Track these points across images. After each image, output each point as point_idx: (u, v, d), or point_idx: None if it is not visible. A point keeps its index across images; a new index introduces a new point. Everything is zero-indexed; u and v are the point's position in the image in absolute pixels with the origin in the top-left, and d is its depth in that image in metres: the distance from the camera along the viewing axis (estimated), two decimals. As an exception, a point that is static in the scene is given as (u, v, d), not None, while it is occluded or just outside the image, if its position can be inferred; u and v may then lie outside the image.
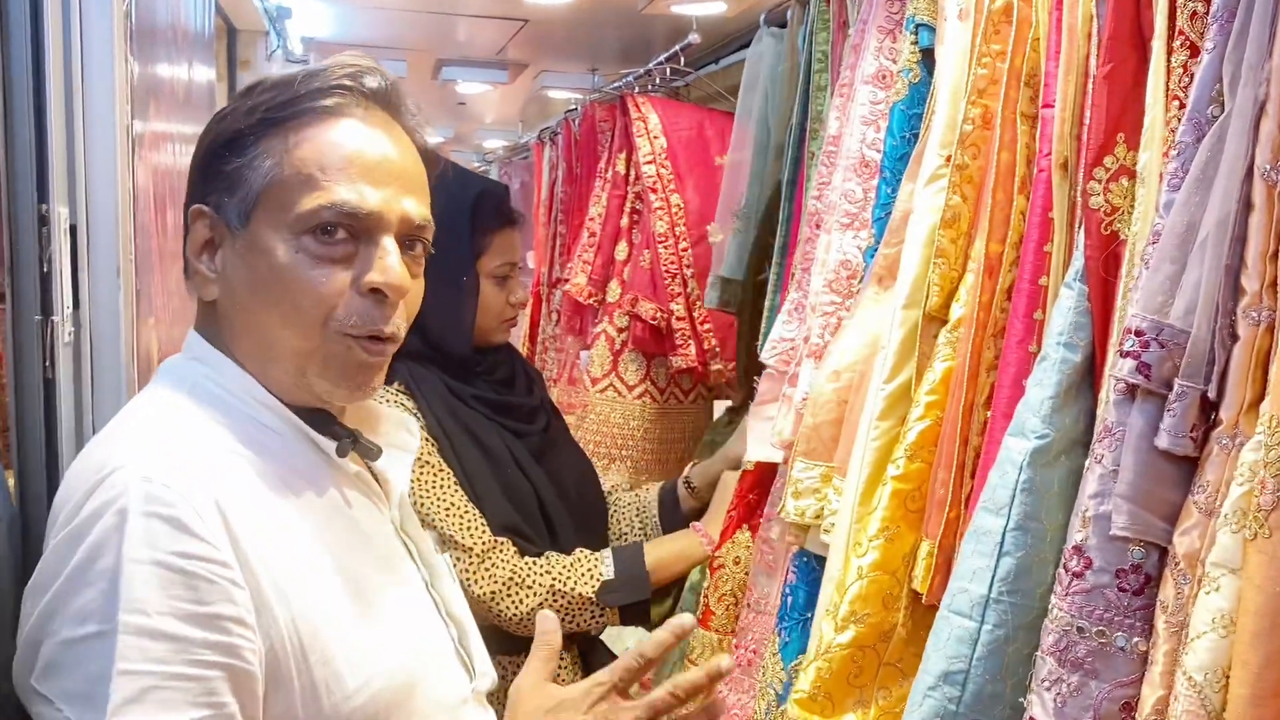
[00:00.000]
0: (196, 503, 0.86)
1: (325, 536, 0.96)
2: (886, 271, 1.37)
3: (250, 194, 0.94)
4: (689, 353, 3.02)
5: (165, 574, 0.83)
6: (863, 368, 1.34)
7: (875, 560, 1.25)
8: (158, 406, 0.96)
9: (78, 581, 0.83)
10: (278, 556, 0.90)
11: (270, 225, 0.94)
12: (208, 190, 0.96)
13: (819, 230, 1.53)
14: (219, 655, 0.84)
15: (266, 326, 0.95)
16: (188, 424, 0.93)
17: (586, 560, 1.68)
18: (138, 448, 0.89)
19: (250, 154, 0.94)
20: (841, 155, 1.47)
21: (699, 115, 3.18)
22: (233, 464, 0.92)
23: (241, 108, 0.97)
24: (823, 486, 1.36)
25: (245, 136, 0.94)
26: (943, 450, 1.23)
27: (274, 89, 0.96)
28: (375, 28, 3.79)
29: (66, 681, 0.82)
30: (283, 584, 0.90)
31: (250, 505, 0.90)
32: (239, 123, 0.95)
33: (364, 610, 0.96)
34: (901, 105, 1.40)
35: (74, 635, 0.82)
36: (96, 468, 0.87)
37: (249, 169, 0.94)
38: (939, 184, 1.28)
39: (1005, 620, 1.05)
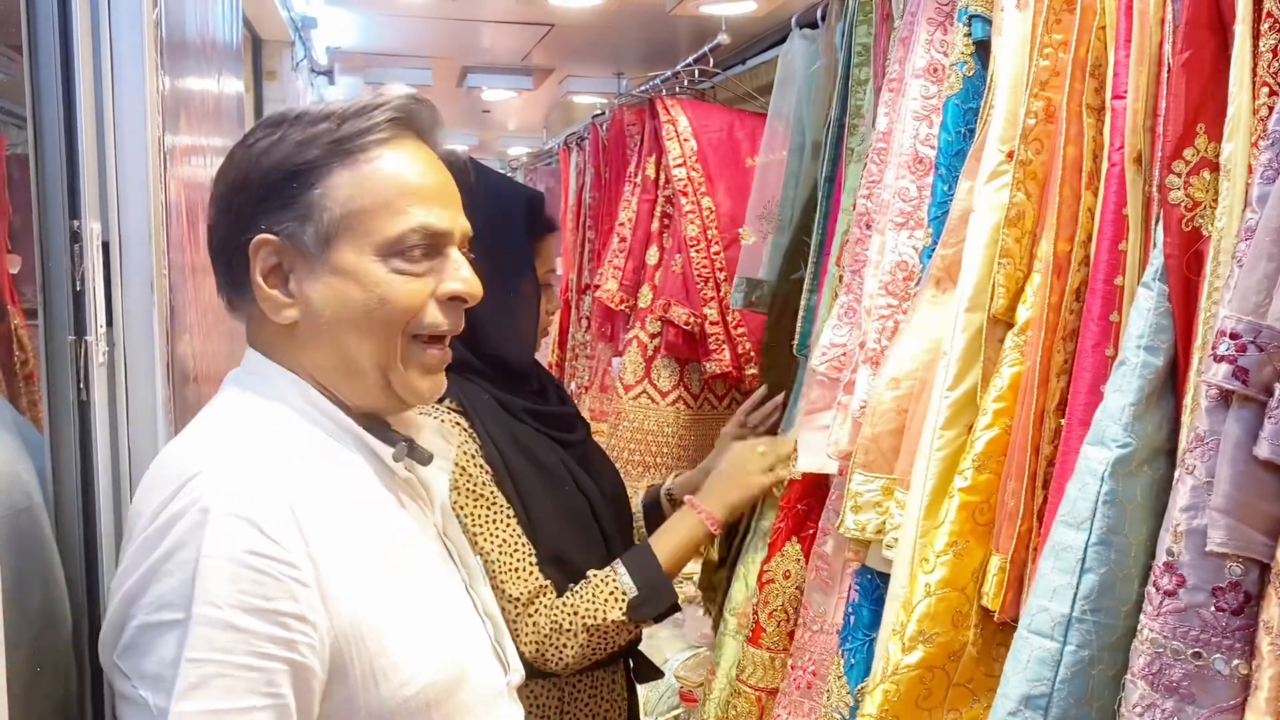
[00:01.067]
0: (271, 505, 0.93)
1: (382, 537, 1.03)
2: (945, 273, 1.31)
3: (331, 222, 1.00)
4: (723, 358, 2.97)
5: (237, 570, 0.90)
6: (924, 374, 1.29)
7: (943, 577, 1.19)
8: (230, 416, 1.03)
9: (160, 571, 0.90)
10: (342, 555, 0.97)
11: (354, 249, 1.01)
12: (273, 220, 1.01)
13: (870, 230, 1.47)
14: (279, 649, 0.90)
15: (352, 341, 1.03)
16: (260, 432, 1.01)
17: (605, 583, 1.60)
18: (217, 454, 0.97)
19: (321, 184, 1.00)
20: (893, 152, 1.42)
21: (729, 117, 3.13)
22: (302, 469, 0.99)
23: (294, 138, 1.01)
24: (884, 500, 1.31)
25: (313, 168, 1.01)
26: (1013, 460, 1.17)
27: (331, 120, 1.02)
28: (400, 36, 3.77)
29: (142, 661, 0.90)
30: (346, 580, 0.96)
31: (319, 507, 0.97)
32: (297, 154, 1.01)
33: (416, 606, 1.03)
34: (956, 99, 1.35)
35: (151, 620, 0.90)
36: (178, 473, 0.94)
37: (325, 198, 1.00)
38: (1001, 181, 1.22)
39: (1089, 640, 1.00)
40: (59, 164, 0.99)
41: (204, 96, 1.48)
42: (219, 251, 1.04)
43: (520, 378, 1.71)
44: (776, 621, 1.69)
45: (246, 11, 2.85)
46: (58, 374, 1.01)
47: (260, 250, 1.01)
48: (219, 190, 1.03)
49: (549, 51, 3.82)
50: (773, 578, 1.69)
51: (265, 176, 1.01)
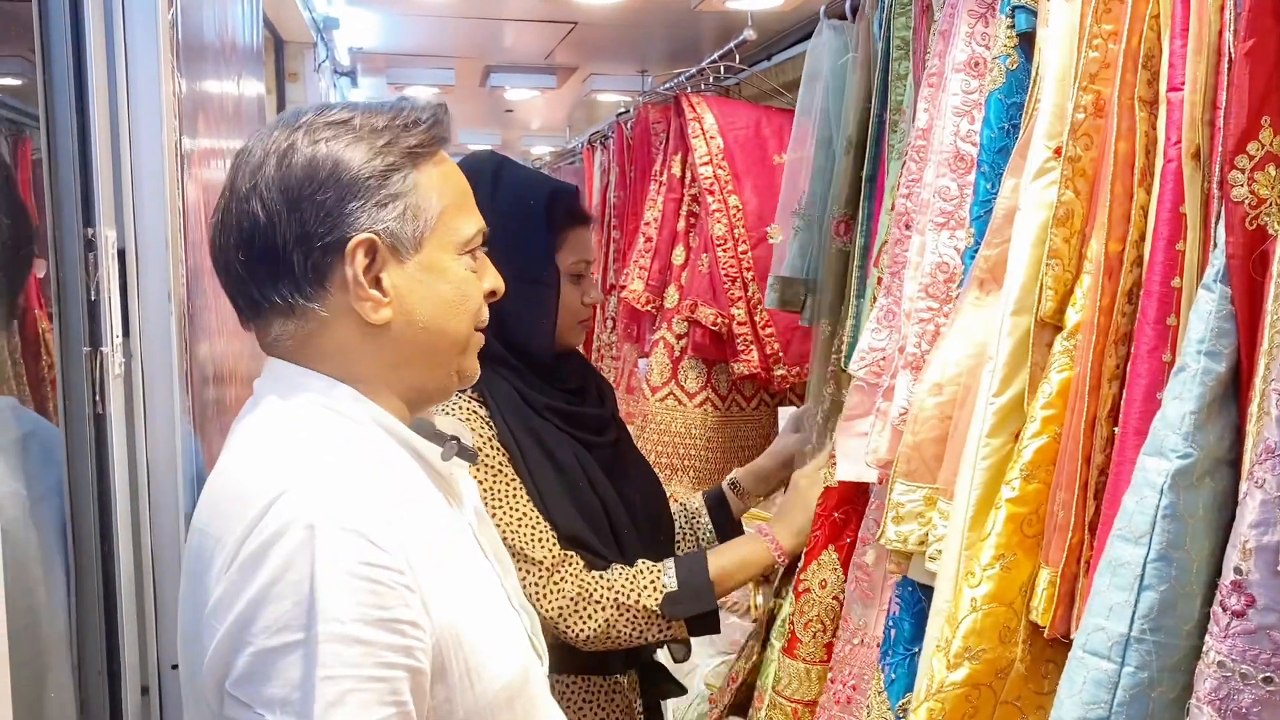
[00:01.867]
0: (373, 514, 0.93)
1: (445, 538, 1.05)
2: (989, 274, 1.26)
3: (428, 221, 1.04)
4: (751, 358, 2.93)
5: (355, 583, 0.90)
6: (968, 380, 1.24)
7: (990, 591, 1.14)
8: (290, 426, 1.01)
9: (271, 595, 0.89)
10: (429, 558, 0.98)
11: (441, 248, 1.06)
12: (371, 219, 1.01)
13: (909, 230, 1.42)
14: (400, 656, 0.92)
15: (441, 333, 1.07)
16: (334, 442, 1.00)
17: (649, 572, 1.62)
18: (300, 467, 0.96)
19: (409, 184, 1.03)
20: (933, 149, 1.37)
21: (755, 113, 3.08)
22: (381, 476, 1.00)
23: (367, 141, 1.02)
24: (926, 510, 1.26)
25: (402, 169, 1.03)
26: (1063, 469, 1.12)
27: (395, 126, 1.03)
28: (423, 36, 3.74)
29: (266, 687, 0.89)
30: (437, 582, 0.98)
31: (404, 513, 0.98)
32: (386, 156, 1.02)
33: (483, 603, 1.06)
34: (999, 94, 1.29)
35: (271, 644, 0.89)
36: (258, 492, 0.93)
37: (418, 198, 1.04)
38: (1048, 178, 1.17)
39: (1149, 661, 0.94)
40: (73, 170, 0.96)
41: (223, 99, 1.45)
42: (275, 252, 0.98)
43: (549, 372, 1.70)
44: (813, 632, 1.64)
45: (268, 13, 2.83)
46: (73, 386, 0.98)
47: (359, 250, 1.00)
48: (273, 190, 0.98)
49: (572, 50, 3.78)
50: (809, 587, 1.64)
51: (356, 176, 1.00)
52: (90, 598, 0.98)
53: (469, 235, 1.08)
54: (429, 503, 1.06)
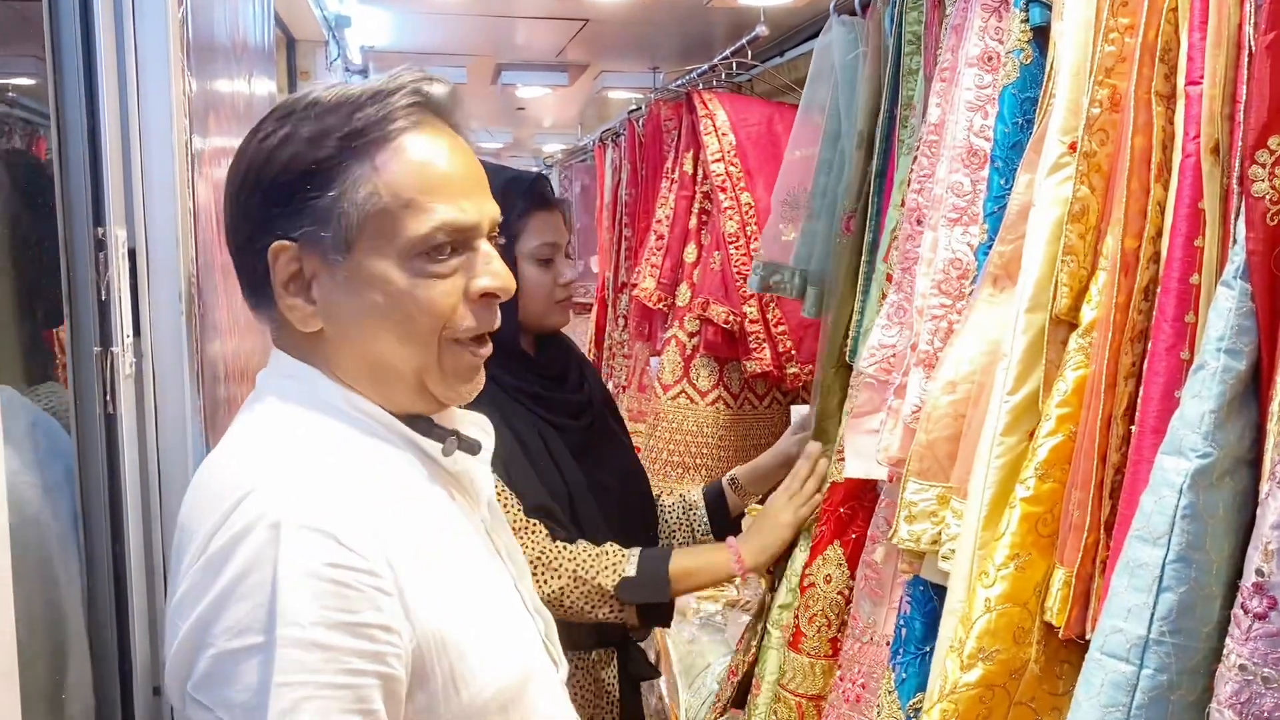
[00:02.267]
0: (344, 513, 0.88)
1: (442, 536, 0.99)
2: (1003, 270, 1.25)
3: (350, 225, 0.93)
4: (763, 357, 2.92)
5: (318, 585, 0.85)
6: (981, 378, 1.23)
7: (1004, 591, 1.13)
8: (276, 424, 0.96)
9: (233, 595, 0.84)
10: (416, 558, 0.92)
11: (377, 253, 0.94)
12: (290, 225, 0.94)
13: (920, 226, 1.41)
14: (369, 663, 0.86)
15: (383, 348, 0.97)
16: (313, 438, 0.95)
17: (614, 554, 1.66)
18: (274, 464, 0.91)
19: (339, 185, 0.92)
20: (945, 144, 1.36)
21: (768, 110, 3.07)
22: (363, 473, 0.94)
23: (301, 133, 0.93)
24: (939, 509, 1.25)
25: (327, 167, 0.92)
26: (1078, 468, 1.11)
27: (341, 111, 0.94)
28: (434, 34, 3.74)
29: (226, 691, 0.84)
30: (421, 584, 0.92)
31: (387, 511, 0.93)
32: (310, 151, 0.92)
33: (482, 606, 1.00)
34: (1012, 89, 1.28)
35: (232, 647, 0.84)
36: (232, 487, 0.88)
37: (343, 200, 0.93)
38: (1063, 174, 1.16)
39: (1168, 664, 0.93)
40: (83, 170, 0.96)
41: (234, 98, 1.45)
42: (238, 254, 0.97)
43: (522, 356, 1.73)
44: (817, 627, 1.63)
45: (279, 11, 2.83)
46: (84, 386, 0.98)
47: (279, 257, 0.94)
48: (230, 189, 0.95)
49: (584, 47, 3.77)
50: (813, 582, 1.64)
51: (276, 177, 0.93)
52: (103, 597, 0.98)
53: (418, 234, 0.94)
54: (426, 501, 1.00)
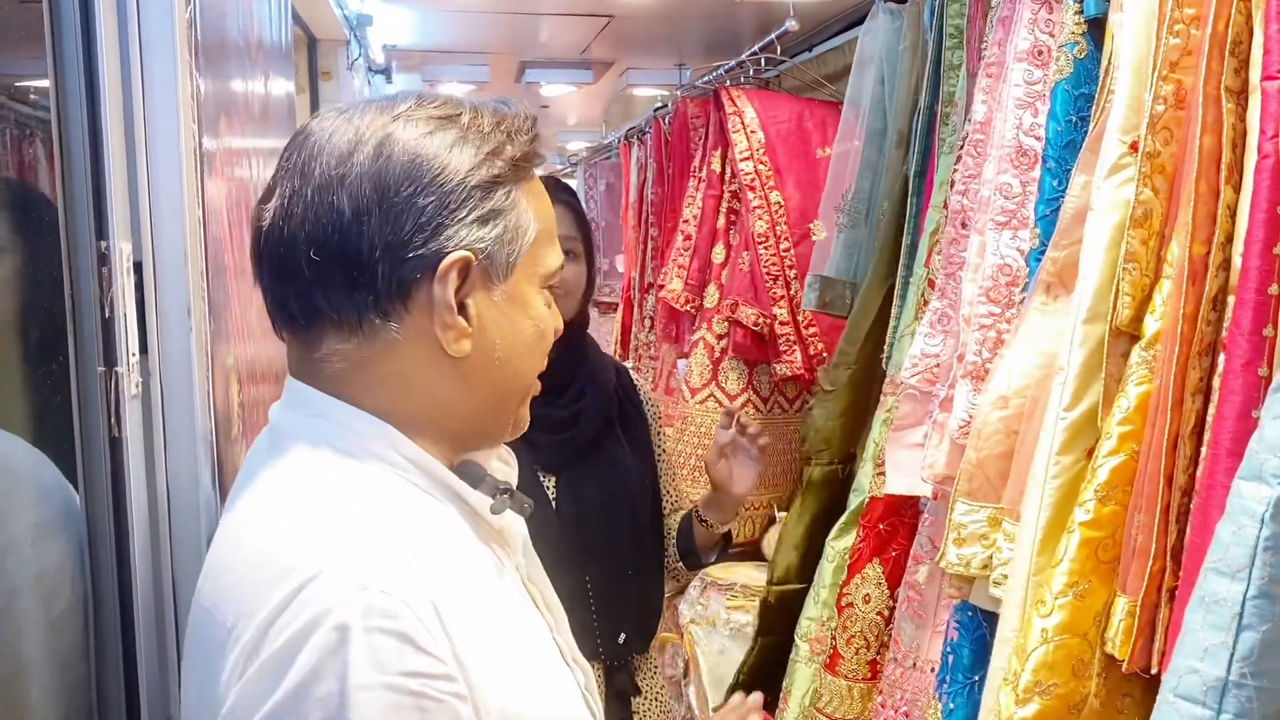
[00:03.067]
0: (418, 609, 0.76)
1: (498, 608, 0.90)
2: (1057, 278, 1.18)
3: (523, 246, 0.89)
4: (794, 359, 2.85)
5: (395, 698, 0.74)
6: (1035, 392, 1.16)
7: (1062, 621, 1.06)
8: (316, 481, 0.84)
9: (293, 708, 0.73)
10: (481, 642, 0.82)
11: (529, 279, 0.91)
12: (470, 236, 0.86)
13: (966, 230, 1.34)
14: None
15: (512, 375, 0.91)
16: (364, 502, 0.83)
17: None
18: (334, 545, 0.78)
19: (512, 201, 0.88)
20: (993, 143, 1.29)
21: (798, 106, 2.99)
22: (425, 549, 0.83)
23: (472, 143, 0.87)
24: (990, 531, 1.18)
25: (506, 183, 0.88)
26: (1141, 491, 1.04)
27: (499, 130, 0.89)
28: (458, 32, 3.69)
29: None
30: (491, 671, 0.82)
31: (452, 594, 0.81)
32: (492, 165, 0.87)
33: (537, 675, 0.92)
34: (1066, 85, 1.21)
35: None
36: (283, 570, 0.76)
37: (518, 218, 0.89)
38: (1124, 175, 1.08)
39: (1249, 709, 0.86)
40: (85, 180, 0.91)
41: (249, 99, 1.40)
42: (357, 257, 0.82)
43: None
44: (855, 649, 1.57)
45: (300, 11, 2.79)
46: (88, 408, 0.93)
47: (453, 270, 0.84)
48: (365, 183, 0.83)
49: (609, 44, 3.71)
50: (852, 602, 1.57)
51: (462, 182, 0.85)
52: (110, 637, 0.93)
53: (554, 268, 0.93)
54: (478, 568, 0.90)
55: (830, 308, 1.94)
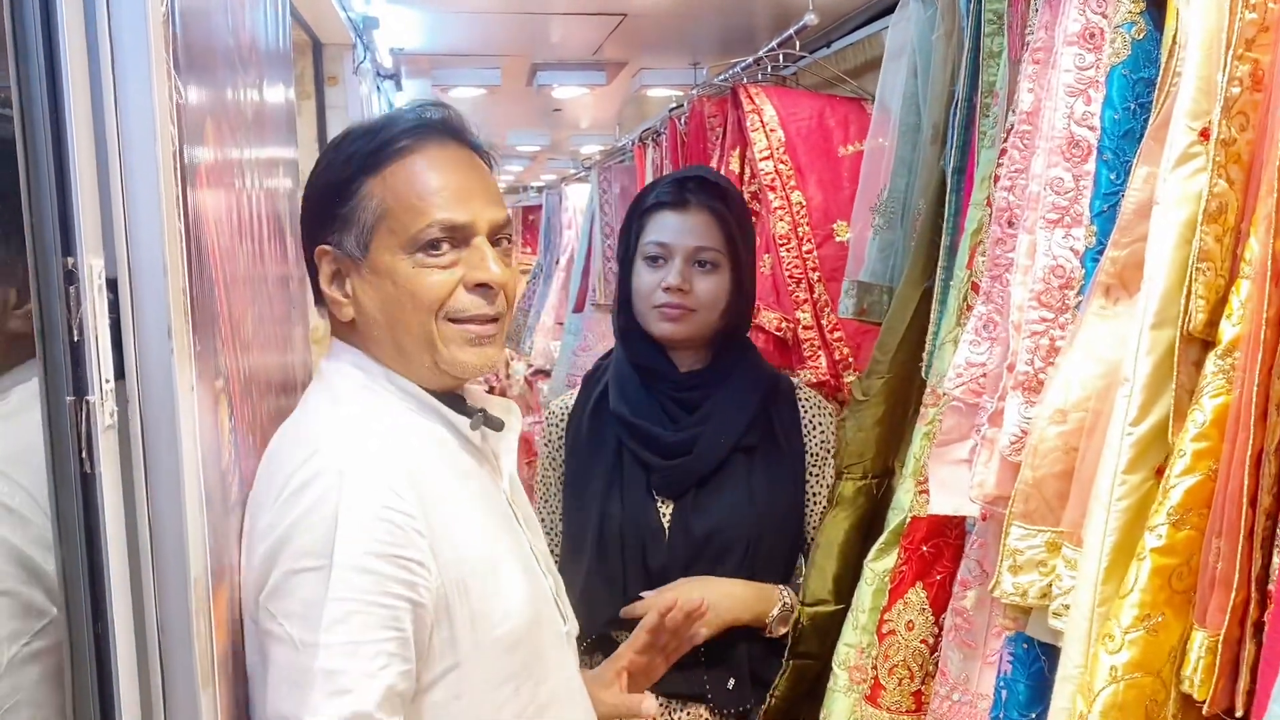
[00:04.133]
0: (394, 466, 1.10)
1: (466, 496, 1.18)
2: (1117, 279, 1.08)
3: (365, 228, 1.17)
4: (819, 365, 2.74)
5: (372, 521, 1.05)
6: (1097, 405, 1.06)
7: (1133, 658, 0.96)
8: (334, 395, 1.19)
9: (302, 525, 1.05)
10: (443, 511, 1.12)
11: (387, 250, 1.16)
12: (327, 232, 1.19)
13: (1013, 228, 1.24)
14: (404, 590, 1.05)
15: (399, 329, 1.18)
16: (364, 408, 1.17)
17: None
18: (338, 427, 1.14)
19: (357, 196, 1.17)
20: (1042, 135, 1.19)
21: (818, 103, 2.89)
22: (406, 438, 1.16)
23: (338, 158, 1.20)
24: (1049, 557, 1.08)
25: (349, 182, 1.17)
26: (1220, 513, 0.94)
27: (363, 138, 1.19)
28: (466, 34, 3.61)
29: (287, 602, 1.05)
30: (449, 533, 1.11)
31: (423, 470, 1.13)
32: (339, 172, 1.18)
33: (499, 556, 1.18)
34: (1123, 69, 1.11)
35: (296, 567, 1.05)
36: (305, 443, 1.12)
37: (359, 209, 1.17)
38: (1193, 165, 0.99)
39: (1360, 764, 0.76)
40: (49, 190, 0.82)
41: (242, 105, 1.31)
42: (307, 262, 1.24)
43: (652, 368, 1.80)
44: (898, 679, 1.47)
45: (304, 14, 2.71)
46: (58, 443, 0.84)
47: (323, 259, 1.20)
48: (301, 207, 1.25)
49: (621, 43, 3.63)
50: (894, 629, 1.47)
51: (317, 193, 1.21)
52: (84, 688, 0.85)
53: (414, 231, 1.15)
54: (454, 463, 1.19)
55: (868, 314, 1.83)
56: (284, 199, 1.65)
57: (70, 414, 0.84)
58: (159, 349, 0.92)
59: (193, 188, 1.01)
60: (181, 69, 1.00)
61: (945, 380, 1.29)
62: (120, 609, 0.87)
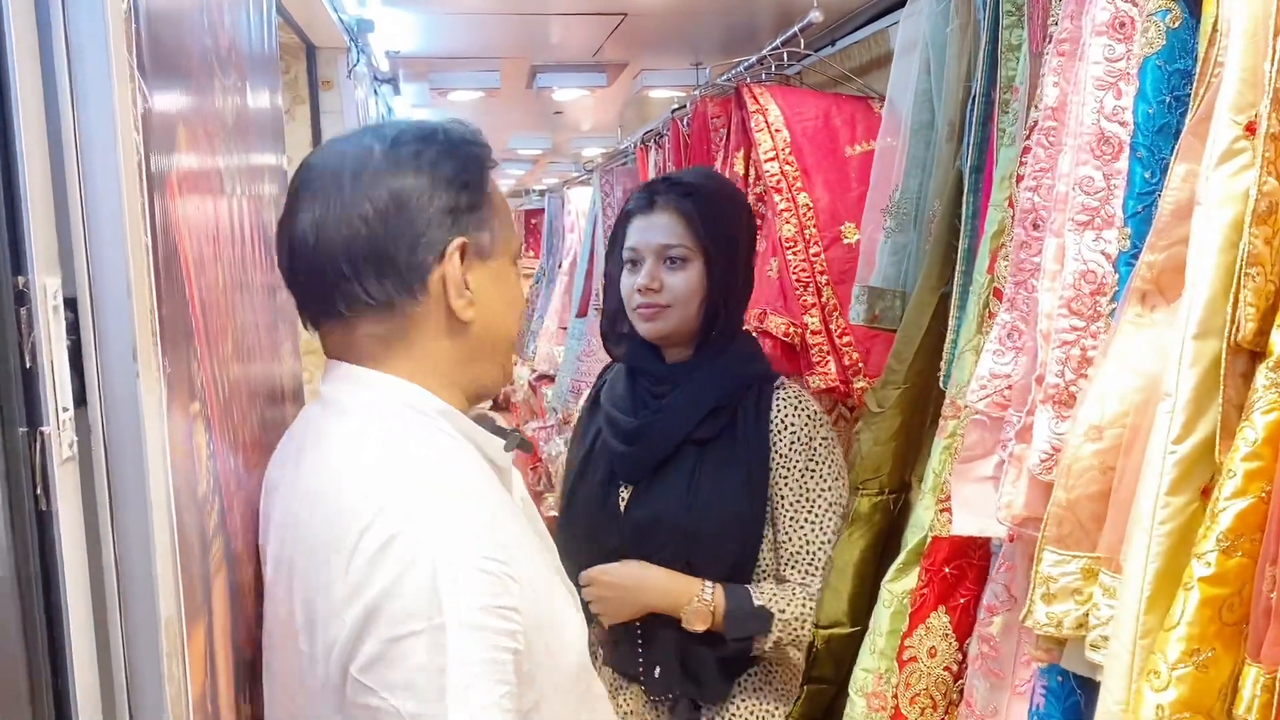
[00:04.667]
0: (476, 510, 1.03)
1: (515, 525, 1.13)
2: (1154, 285, 1.01)
3: (497, 229, 1.14)
4: (828, 371, 2.67)
5: (473, 575, 0.97)
6: (1135, 420, 0.98)
7: (1181, 696, 0.89)
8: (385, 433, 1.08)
9: (397, 589, 0.96)
10: (513, 547, 1.05)
11: (505, 254, 1.16)
12: (463, 224, 1.11)
13: (1039, 231, 1.17)
14: (509, 641, 0.99)
15: (507, 330, 1.18)
16: (418, 442, 1.08)
17: None
18: (405, 474, 1.04)
19: (487, 193, 1.14)
20: (1069, 131, 1.12)
21: (825, 102, 2.82)
22: (465, 472, 1.09)
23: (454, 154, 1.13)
24: (1085, 585, 1.01)
25: (480, 180, 1.14)
26: (1276, 539, 0.86)
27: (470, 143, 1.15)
28: (465, 37, 3.54)
29: (392, 673, 0.95)
30: (521, 569, 1.04)
31: (490, 506, 1.07)
32: (471, 169, 1.13)
33: (552, 582, 1.15)
34: (1157, 59, 1.04)
35: (398, 633, 0.95)
36: (371, 500, 1.01)
37: (492, 208, 1.14)
38: (1239, 162, 0.91)
39: None
40: (-3, 204, 0.75)
41: (221, 110, 1.25)
42: (383, 251, 1.08)
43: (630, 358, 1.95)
44: (920, 708, 1.39)
45: (297, 18, 2.64)
46: (12, 478, 0.77)
47: (458, 252, 1.11)
48: (384, 193, 1.08)
49: (622, 44, 3.56)
50: (915, 655, 1.40)
51: (452, 183, 1.11)
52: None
53: (518, 246, 1.19)
54: (499, 495, 1.14)
55: (880, 321, 1.76)
56: (270, 207, 1.58)
57: (24, 446, 0.77)
58: (124, 372, 0.85)
59: (161, 197, 0.94)
60: (148, 71, 0.93)
61: (968, 392, 1.22)
62: (82, 657, 0.80)
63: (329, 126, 2.88)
